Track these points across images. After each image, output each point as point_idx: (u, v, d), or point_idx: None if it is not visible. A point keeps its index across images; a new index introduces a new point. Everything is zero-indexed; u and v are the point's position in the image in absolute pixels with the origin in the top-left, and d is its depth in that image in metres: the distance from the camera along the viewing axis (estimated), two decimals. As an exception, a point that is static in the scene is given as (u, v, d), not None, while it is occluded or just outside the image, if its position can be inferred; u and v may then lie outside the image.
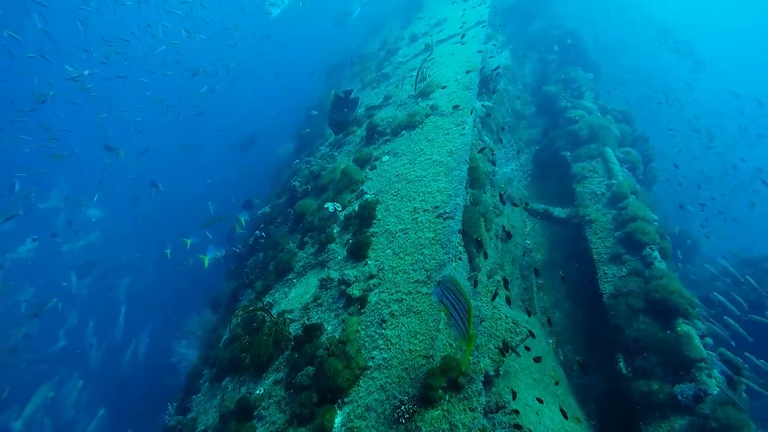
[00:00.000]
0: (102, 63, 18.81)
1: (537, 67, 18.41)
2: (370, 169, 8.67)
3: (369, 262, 6.24)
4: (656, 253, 7.98)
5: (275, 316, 6.15)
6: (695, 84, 25.06)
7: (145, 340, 19.86)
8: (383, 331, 5.05)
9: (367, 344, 5.07)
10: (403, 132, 9.04)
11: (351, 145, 10.45)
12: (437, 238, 5.81)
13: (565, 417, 5.33)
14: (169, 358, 11.39)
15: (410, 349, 4.63)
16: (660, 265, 7.71)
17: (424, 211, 6.39)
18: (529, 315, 7.03)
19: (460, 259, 5.52)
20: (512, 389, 5.95)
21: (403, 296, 5.31)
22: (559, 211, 10.15)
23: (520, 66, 18.52)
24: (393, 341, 4.83)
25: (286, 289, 7.51)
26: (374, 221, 6.98)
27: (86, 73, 18.20)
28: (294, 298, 7.09)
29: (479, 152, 7.77)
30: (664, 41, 26.30)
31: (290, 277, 7.67)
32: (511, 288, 9.65)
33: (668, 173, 15.23)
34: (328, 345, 5.19)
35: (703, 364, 6.06)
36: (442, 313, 4.28)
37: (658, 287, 7.04)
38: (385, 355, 4.72)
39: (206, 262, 10.47)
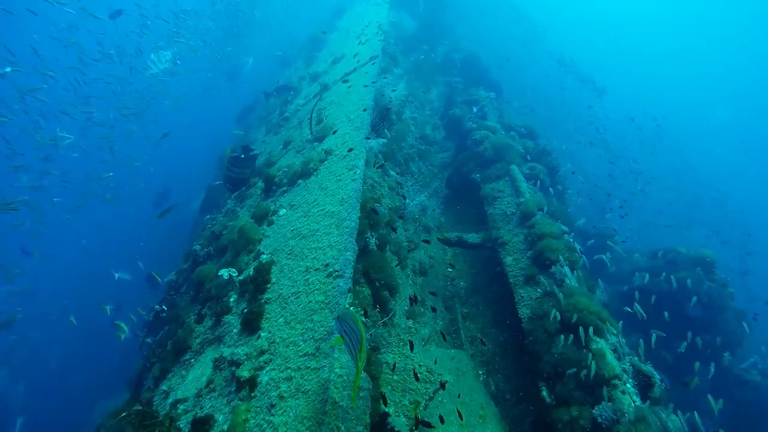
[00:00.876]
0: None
1: (444, 91, 18.77)
2: (268, 225, 8.18)
3: (262, 335, 5.70)
4: (566, 269, 7.96)
5: (161, 414, 5.43)
6: (596, 106, 26.81)
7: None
8: (271, 417, 4.51)
9: (255, 437, 4.50)
10: (299, 181, 8.66)
11: (253, 198, 9.93)
12: (326, 301, 5.38)
13: None
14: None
15: (298, 439, 4.12)
16: (570, 281, 7.67)
17: (315, 270, 5.96)
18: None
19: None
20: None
21: (293, 373, 4.81)
22: (473, 237, 10.05)
23: (427, 92, 18.81)
24: (281, 430, 4.31)
25: (184, 371, 6.79)
26: (268, 286, 6.46)
27: None
28: (191, 382, 6.38)
29: (377, 167, 7.46)
30: (567, 71, 28.04)
31: (187, 357, 6.96)
32: (436, 321, 9.37)
33: (580, 184, 15.75)
34: (211, 446, 4.59)
35: (617, 381, 5.94)
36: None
37: (568, 306, 6.95)
38: (272, 450, 4.18)
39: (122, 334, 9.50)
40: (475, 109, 15.17)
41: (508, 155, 11.80)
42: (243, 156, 9.36)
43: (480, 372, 8.55)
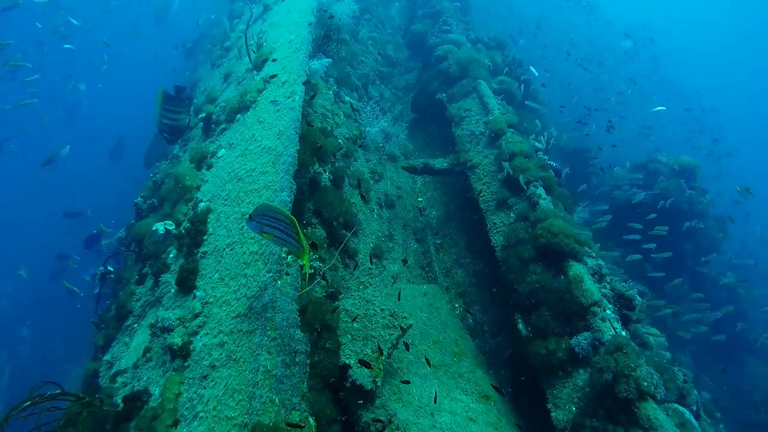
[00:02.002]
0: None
1: (405, 6, 17.17)
2: (207, 169, 7.24)
3: (197, 294, 4.99)
4: (540, 190, 7.27)
5: (86, 395, 4.79)
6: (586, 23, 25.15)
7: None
8: (203, 390, 3.89)
9: (186, 413, 3.90)
10: (238, 116, 7.61)
11: (195, 141, 8.89)
12: (260, 251, 4.62)
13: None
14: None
15: (228, 416, 3.51)
16: (545, 203, 7.00)
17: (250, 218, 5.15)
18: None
19: (287, 274, 4.38)
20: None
21: (225, 338, 4.14)
22: (440, 162, 9.24)
23: (387, 7, 17.19)
24: (210, 405, 3.70)
25: (127, 338, 6.14)
26: (205, 238, 5.67)
27: None
28: (133, 351, 5.75)
29: (311, 99, 6.49)
30: None
31: (130, 322, 6.29)
32: (407, 255, 8.78)
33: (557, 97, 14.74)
34: (138, 425, 3.99)
35: (596, 308, 5.44)
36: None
37: (542, 231, 6.32)
38: (202, 429, 3.58)
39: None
40: (440, 22, 13.82)
41: (474, 70, 10.74)
42: (175, 98, 8.18)
43: (456, 305, 8.09)
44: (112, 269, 8.12)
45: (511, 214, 7.47)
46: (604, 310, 5.38)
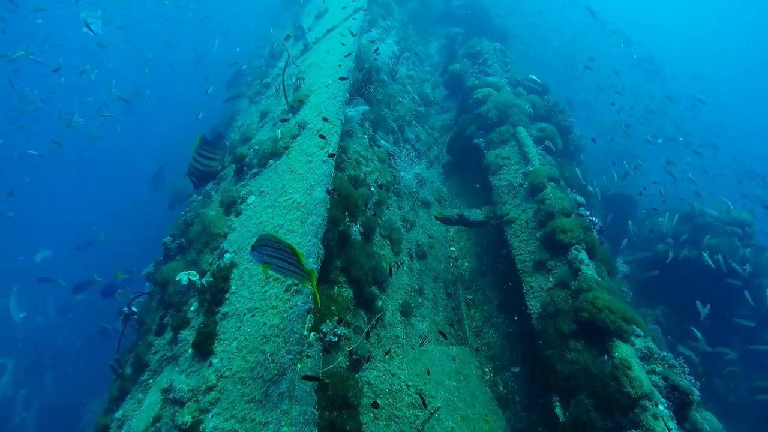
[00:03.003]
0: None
1: (445, 44, 17.08)
2: (236, 215, 7.08)
3: (213, 362, 4.72)
4: (582, 254, 6.78)
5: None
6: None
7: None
8: (210, 486, 3.57)
9: None
10: (270, 161, 7.47)
11: (227, 180, 8.82)
12: (282, 326, 4.32)
13: None
14: None
15: None
16: (587, 270, 6.50)
17: (275, 279, 4.89)
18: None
19: (308, 356, 4.06)
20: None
21: (237, 425, 3.83)
22: (475, 214, 8.85)
23: (426, 45, 17.18)
24: None
25: (141, 394, 5.91)
26: (227, 296, 5.44)
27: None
28: (146, 410, 5.50)
29: (329, 157, 6.23)
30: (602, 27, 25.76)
31: (145, 377, 6.06)
32: (436, 311, 8.36)
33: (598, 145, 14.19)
34: None
35: (646, 402, 4.88)
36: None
37: (585, 304, 5.82)
38: None
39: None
40: (477, 63, 13.62)
41: (514, 116, 10.41)
42: (212, 144, 8.14)
43: (486, 370, 7.58)
44: (136, 310, 8.00)
45: (550, 278, 6.99)
46: (656, 405, 4.82)
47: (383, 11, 14.27)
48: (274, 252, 3.56)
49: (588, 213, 8.64)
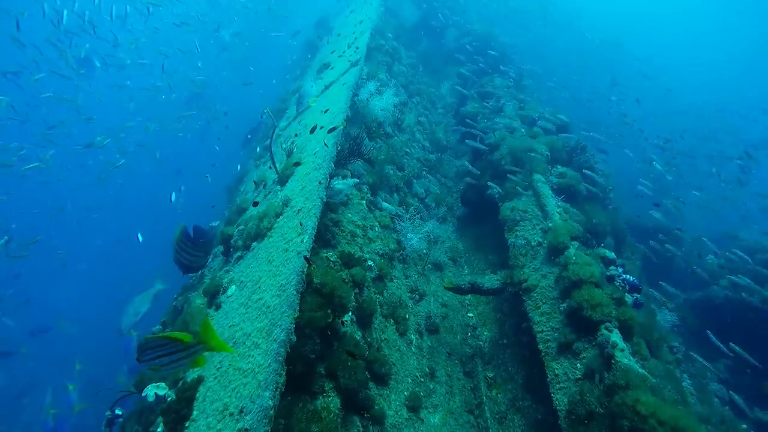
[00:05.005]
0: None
1: (456, 83, 16.40)
2: (216, 309, 6.40)
3: None
4: (615, 336, 5.69)
5: None
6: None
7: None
8: None
9: None
10: (254, 244, 6.82)
11: (217, 260, 8.21)
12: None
13: None
14: None
15: None
16: (623, 358, 5.40)
17: (230, 414, 4.09)
18: None
19: None
20: None
21: None
22: (490, 280, 7.87)
23: (438, 86, 16.56)
24: None
25: None
26: (187, 424, 4.67)
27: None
28: None
29: (305, 260, 5.45)
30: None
31: None
32: (452, 396, 7.34)
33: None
34: None
35: None
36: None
37: (624, 410, 4.73)
38: None
39: None
40: (490, 103, 12.82)
41: (530, 162, 9.48)
42: (192, 240, 7.61)
43: (513, 469, 6.46)
44: (120, 413, 7.35)
45: (578, 365, 5.90)
46: None
47: (388, 59, 13.78)
48: (158, 351, 3.44)
49: (621, 270, 7.51)
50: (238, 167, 14.33)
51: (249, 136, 20.14)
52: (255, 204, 6.45)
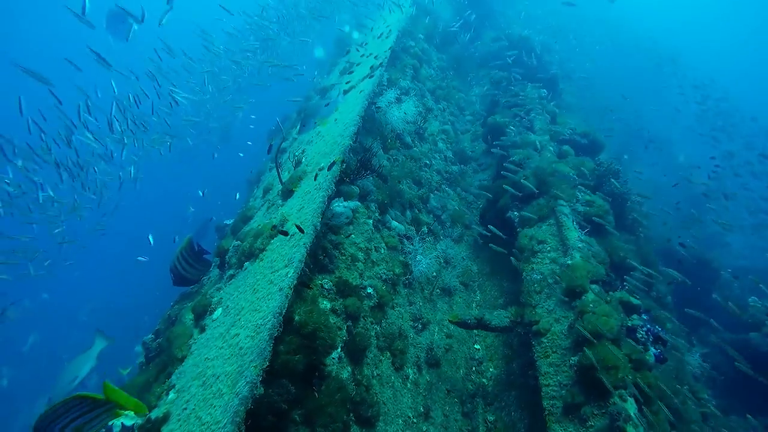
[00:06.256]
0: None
1: (487, 90, 15.63)
2: (200, 331, 6.07)
3: None
4: (630, 406, 5.06)
5: None
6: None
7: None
8: None
9: None
10: (246, 264, 6.43)
11: (213, 272, 7.89)
12: None
13: None
14: None
15: None
16: (635, 433, 4.77)
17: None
18: None
19: None
20: None
21: None
22: (499, 317, 7.26)
23: (468, 91, 15.83)
24: None
25: None
26: (148, 467, 4.34)
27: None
28: None
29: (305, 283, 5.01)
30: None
31: None
32: (449, 440, 6.82)
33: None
34: None
35: None
36: None
37: (628, 503, 4.12)
38: None
39: None
40: (520, 115, 12.09)
41: (555, 185, 8.78)
42: (196, 254, 7.34)
43: None
44: None
45: (586, 432, 5.28)
46: None
47: (416, 62, 13.16)
48: (69, 417, 3.19)
49: (645, 318, 6.80)
50: (249, 172, 14.04)
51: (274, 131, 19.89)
52: (273, 229, 6.06)
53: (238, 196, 14.56)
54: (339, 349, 5.74)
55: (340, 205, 6.70)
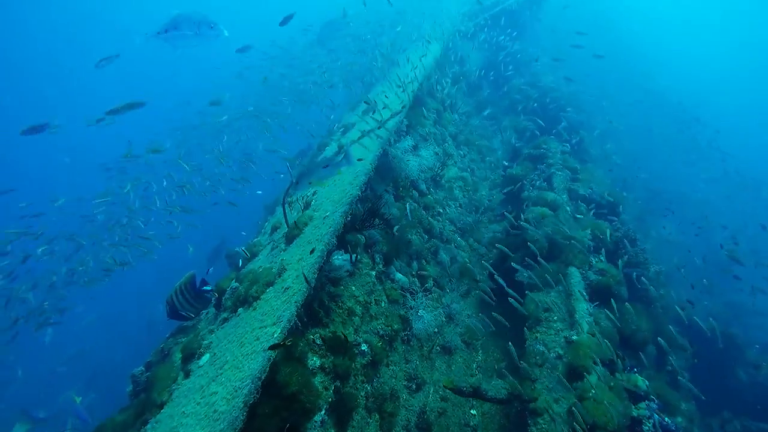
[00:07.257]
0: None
1: (510, 138, 15.51)
2: (185, 376, 5.94)
3: None
4: None
5: None
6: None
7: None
8: None
9: None
10: (240, 309, 6.33)
11: (209, 309, 7.81)
12: None
13: None
14: None
15: None
16: None
17: None
18: None
19: None
20: None
21: None
22: (496, 387, 6.94)
23: (491, 138, 15.72)
24: None
25: None
26: None
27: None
28: None
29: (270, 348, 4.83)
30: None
31: None
32: None
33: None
34: None
35: None
36: None
37: None
38: None
39: None
40: (540, 168, 11.90)
41: (567, 251, 8.50)
42: (195, 290, 7.34)
43: None
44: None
45: None
46: None
47: (440, 106, 13.16)
48: None
49: (654, 408, 6.40)
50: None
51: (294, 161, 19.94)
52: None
53: (244, 233, 14.61)
54: (323, 412, 5.53)
55: (339, 258, 6.59)
